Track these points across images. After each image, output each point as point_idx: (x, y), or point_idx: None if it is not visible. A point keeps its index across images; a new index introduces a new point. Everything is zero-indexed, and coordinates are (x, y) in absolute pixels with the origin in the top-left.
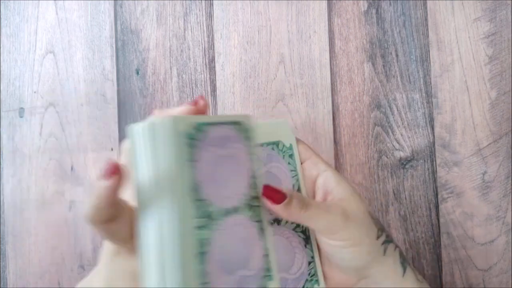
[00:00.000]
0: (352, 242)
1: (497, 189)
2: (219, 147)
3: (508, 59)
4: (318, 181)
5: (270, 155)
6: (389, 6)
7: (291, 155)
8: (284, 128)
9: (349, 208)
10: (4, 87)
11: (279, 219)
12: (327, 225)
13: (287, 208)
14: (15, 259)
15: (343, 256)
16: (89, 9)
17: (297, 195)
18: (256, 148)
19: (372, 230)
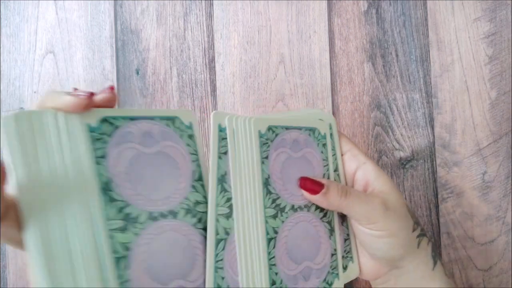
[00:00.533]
0: (390, 232)
1: (497, 189)
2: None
3: (508, 59)
4: (358, 173)
5: (307, 140)
6: (389, 6)
7: (325, 144)
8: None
9: (388, 199)
10: (4, 87)
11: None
12: (366, 214)
13: (326, 197)
14: (15, 259)
15: (379, 246)
16: (89, 9)
17: (335, 184)
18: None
19: (409, 223)
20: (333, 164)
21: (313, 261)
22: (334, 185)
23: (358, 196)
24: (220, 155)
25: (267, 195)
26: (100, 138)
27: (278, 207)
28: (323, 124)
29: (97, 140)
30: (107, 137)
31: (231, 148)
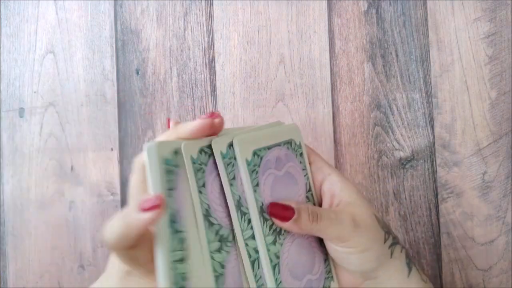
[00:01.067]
0: (361, 248)
1: (497, 189)
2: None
3: (508, 59)
4: (324, 185)
5: (287, 154)
6: (389, 6)
7: (301, 153)
8: (292, 127)
9: (357, 213)
10: (4, 87)
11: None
12: (337, 235)
13: (297, 223)
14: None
15: (352, 261)
16: (89, 9)
17: (305, 208)
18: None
19: (380, 235)
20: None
21: (311, 272)
22: (305, 210)
23: (329, 218)
24: (255, 188)
25: (264, 223)
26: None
27: (275, 231)
28: (296, 133)
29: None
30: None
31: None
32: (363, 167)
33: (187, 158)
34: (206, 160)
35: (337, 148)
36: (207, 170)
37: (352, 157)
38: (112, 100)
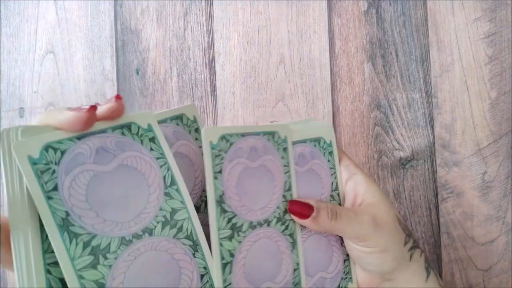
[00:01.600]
0: (380, 248)
1: (497, 189)
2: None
3: (508, 59)
4: (349, 184)
5: (312, 152)
6: (389, 6)
7: (331, 152)
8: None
9: (378, 214)
10: (4, 87)
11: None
12: (356, 234)
13: (315, 221)
14: None
15: (370, 261)
16: (89, 9)
17: (325, 206)
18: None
19: (400, 237)
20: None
21: (273, 280)
22: (324, 208)
23: (348, 217)
24: (216, 175)
25: (221, 214)
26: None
27: (234, 226)
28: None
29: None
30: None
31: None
32: (363, 167)
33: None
34: (227, 148)
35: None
36: (226, 157)
37: (352, 157)
38: None
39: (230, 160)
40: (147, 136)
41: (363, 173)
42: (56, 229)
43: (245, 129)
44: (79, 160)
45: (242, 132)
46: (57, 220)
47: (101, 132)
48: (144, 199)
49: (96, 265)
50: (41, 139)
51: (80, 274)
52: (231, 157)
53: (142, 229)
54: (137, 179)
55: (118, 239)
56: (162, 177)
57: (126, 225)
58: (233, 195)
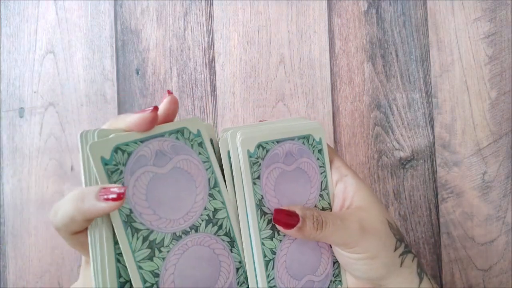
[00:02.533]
0: (368, 255)
1: (497, 189)
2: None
3: (508, 59)
4: (338, 186)
5: (301, 149)
6: (389, 6)
7: (320, 150)
8: (314, 124)
9: (367, 218)
10: (4, 87)
11: None
12: (342, 241)
13: (301, 231)
14: (15, 259)
15: (358, 267)
16: (89, 9)
17: (311, 215)
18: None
19: (390, 242)
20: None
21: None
22: (309, 217)
23: (334, 225)
24: (254, 181)
25: (261, 217)
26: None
27: (274, 227)
28: (317, 128)
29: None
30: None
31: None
32: (363, 167)
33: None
34: (264, 155)
35: (337, 148)
36: (264, 163)
37: (352, 157)
38: (112, 100)
39: (267, 166)
40: (196, 141)
41: (355, 175)
42: (121, 225)
43: (279, 135)
44: (142, 162)
45: (278, 138)
46: (122, 217)
47: (159, 136)
48: (192, 199)
49: (153, 257)
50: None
51: (139, 265)
52: (268, 163)
53: (190, 226)
54: (187, 181)
55: (170, 235)
56: (207, 180)
57: (177, 222)
58: (272, 198)
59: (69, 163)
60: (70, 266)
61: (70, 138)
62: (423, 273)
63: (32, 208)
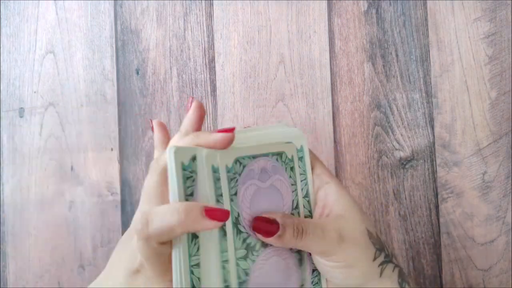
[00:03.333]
0: (346, 263)
1: (497, 189)
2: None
3: (508, 59)
4: (319, 193)
5: (274, 166)
6: (389, 6)
7: (292, 167)
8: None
9: (345, 227)
10: (4, 87)
11: None
12: (321, 250)
13: (281, 239)
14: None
15: (336, 275)
16: (89, 9)
17: (291, 223)
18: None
19: (369, 251)
20: (302, 190)
21: None
22: (290, 225)
23: (314, 233)
24: (232, 197)
25: (237, 235)
26: (234, 178)
27: (249, 246)
28: (290, 146)
29: (231, 180)
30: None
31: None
32: (363, 167)
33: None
34: (241, 170)
35: (337, 148)
36: (240, 180)
37: (352, 157)
38: (112, 100)
39: (243, 182)
40: (289, 165)
41: (336, 183)
42: (231, 224)
43: (255, 150)
44: (251, 175)
45: (254, 154)
46: (233, 218)
47: (265, 156)
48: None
49: (247, 258)
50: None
51: (238, 262)
52: (244, 180)
53: None
54: (278, 198)
55: (260, 242)
56: (291, 200)
57: None
58: (247, 216)
59: (69, 163)
60: (70, 266)
61: (70, 138)
62: (404, 283)
63: (32, 208)
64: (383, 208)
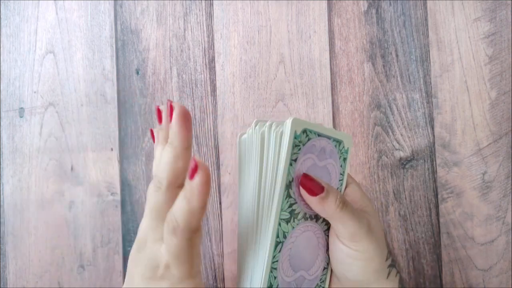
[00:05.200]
0: (366, 255)
1: (497, 189)
2: (317, 156)
3: (508, 59)
4: (347, 190)
5: (332, 151)
6: (389, 6)
7: (345, 159)
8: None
9: (372, 221)
10: (4, 87)
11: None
12: (353, 231)
13: (322, 202)
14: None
15: (352, 267)
16: (89, 9)
17: (335, 192)
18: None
19: (385, 251)
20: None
21: (308, 271)
22: (334, 193)
23: (352, 211)
24: (291, 162)
25: (286, 198)
26: (298, 145)
27: (293, 212)
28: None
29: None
30: (302, 145)
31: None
32: (363, 167)
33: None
34: (305, 141)
35: None
36: (303, 149)
37: (352, 157)
38: (112, 100)
39: (304, 153)
40: (343, 155)
41: (358, 184)
42: (284, 186)
43: (321, 130)
44: (311, 150)
45: (319, 132)
46: (286, 181)
47: (327, 137)
48: None
49: (288, 222)
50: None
51: (280, 222)
52: (305, 151)
53: (314, 214)
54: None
55: (303, 213)
56: (337, 187)
57: (309, 207)
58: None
59: (69, 163)
60: (70, 266)
61: (70, 138)
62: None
63: (32, 208)
64: (383, 208)
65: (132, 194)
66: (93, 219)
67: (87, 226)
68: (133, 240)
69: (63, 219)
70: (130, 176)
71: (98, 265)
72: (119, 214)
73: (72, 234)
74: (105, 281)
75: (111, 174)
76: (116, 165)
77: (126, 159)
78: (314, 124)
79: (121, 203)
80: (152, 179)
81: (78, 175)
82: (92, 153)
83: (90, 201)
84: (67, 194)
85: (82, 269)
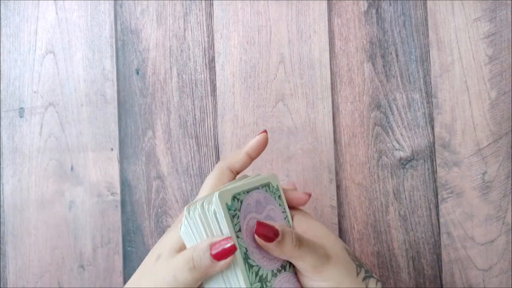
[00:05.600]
0: (336, 281)
1: (497, 189)
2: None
3: (508, 59)
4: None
5: (266, 197)
6: (389, 6)
7: (280, 196)
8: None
9: (327, 245)
10: (4, 87)
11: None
12: (313, 263)
13: (279, 245)
14: (15, 259)
15: None
16: (89, 9)
17: (290, 232)
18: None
19: (351, 267)
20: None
21: None
22: (289, 233)
23: (309, 245)
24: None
25: (249, 269)
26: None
27: (262, 278)
28: (273, 177)
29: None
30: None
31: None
32: (363, 167)
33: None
34: (239, 206)
35: (337, 148)
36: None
37: (352, 157)
38: (112, 100)
39: (244, 217)
40: (276, 194)
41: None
42: (242, 260)
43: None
44: (249, 209)
45: (247, 189)
46: (242, 254)
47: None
48: None
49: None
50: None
51: None
52: (244, 214)
53: (281, 265)
54: None
55: (271, 272)
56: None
57: (273, 261)
58: (254, 249)
59: (69, 163)
60: (70, 266)
61: (70, 138)
62: None
63: (32, 208)
64: (383, 208)
65: (132, 194)
66: (93, 219)
67: (87, 226)
68: (133, 240)
69: (63, 219)
70: (130, 176)
71: (98, 265)
72: (119, 214)
73: (72, 234)
74: (105, 281)
75: (111, 174)
76: (116, 165)
77: (126, 159)
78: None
79: (121, 203)
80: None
81: (78, 175)
82: (92, 153)
83: (90, 201)
84: (67, 194)
85: (82, 269)
